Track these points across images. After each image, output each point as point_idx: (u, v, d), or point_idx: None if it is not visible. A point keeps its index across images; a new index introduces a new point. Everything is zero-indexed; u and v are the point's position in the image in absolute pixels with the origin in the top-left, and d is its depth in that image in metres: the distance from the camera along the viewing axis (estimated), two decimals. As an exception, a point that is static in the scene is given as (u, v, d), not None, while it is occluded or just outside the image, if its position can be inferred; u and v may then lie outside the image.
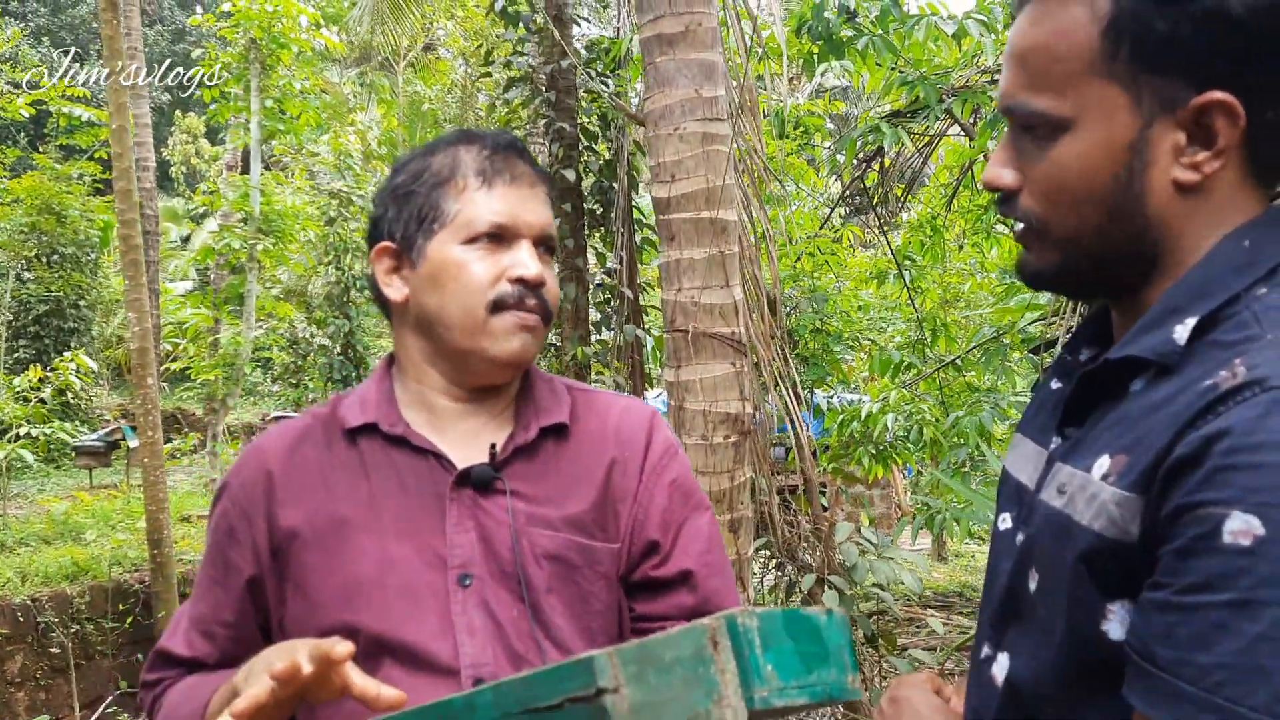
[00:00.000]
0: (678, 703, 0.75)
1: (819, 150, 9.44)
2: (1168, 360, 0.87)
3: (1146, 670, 0.80)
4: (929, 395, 8.46)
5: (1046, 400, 1.08)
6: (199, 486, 10.44)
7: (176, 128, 20.99)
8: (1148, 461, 0.83)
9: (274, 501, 1.29)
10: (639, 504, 1.31)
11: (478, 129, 1.37)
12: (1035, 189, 0.95)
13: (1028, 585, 0.95)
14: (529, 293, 1.26)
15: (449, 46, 19.71)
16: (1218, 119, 0.87)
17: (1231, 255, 0.89)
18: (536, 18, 7.98)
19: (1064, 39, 0.90)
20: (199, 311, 11.56)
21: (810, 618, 0.86)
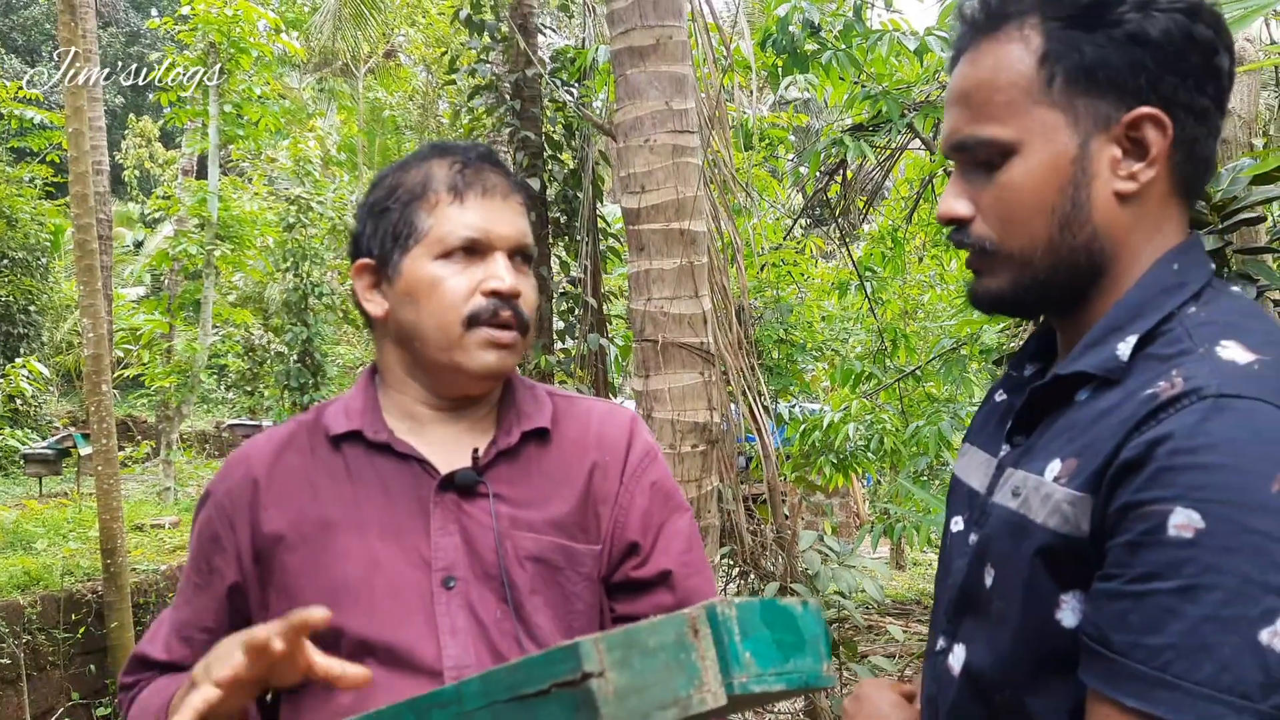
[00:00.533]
0: (660, 687, 0.77)
1: (782, 162, 9.51)
2: (1113, 374, 0.97)
3: (1102, 654, 0.88)
4: (889, 405, 8.53)
5: (994, 412, 1.19)
6: (151, 495, 10.27)
7: (130, 131, 20.69)
8: (1097, 464, 0.91)
9: (258, 507, 1.30)
10: (620, 506, 1.33)
11: (452, 142, 1.37)
12: (989, 213, 1.04)
13: (984, 580, 1.03)
14: (503, 305, 1.26)
15: (410, 53, 19.63)
16: (1148, 131, 0.98)
17: (1163, 278, 1.00)
18: (501, 26, 7.96)
19: (1003, 73, 1.00)
20: (152, 317, 11.39)
21: (787, 608, 0.89)
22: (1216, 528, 0.82)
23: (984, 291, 1.08)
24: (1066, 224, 1.00)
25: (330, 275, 14.36)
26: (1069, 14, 0.98)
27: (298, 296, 13.25)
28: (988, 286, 1.07)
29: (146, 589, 6.60)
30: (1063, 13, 0.99)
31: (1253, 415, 0.85)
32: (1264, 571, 0.81)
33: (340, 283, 14.79)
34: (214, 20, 9.66)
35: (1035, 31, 1.00)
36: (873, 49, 6.25)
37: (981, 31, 1.03)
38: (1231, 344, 0.92)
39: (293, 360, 13.15)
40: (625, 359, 10.19)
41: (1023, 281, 1.04)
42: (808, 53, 6.36)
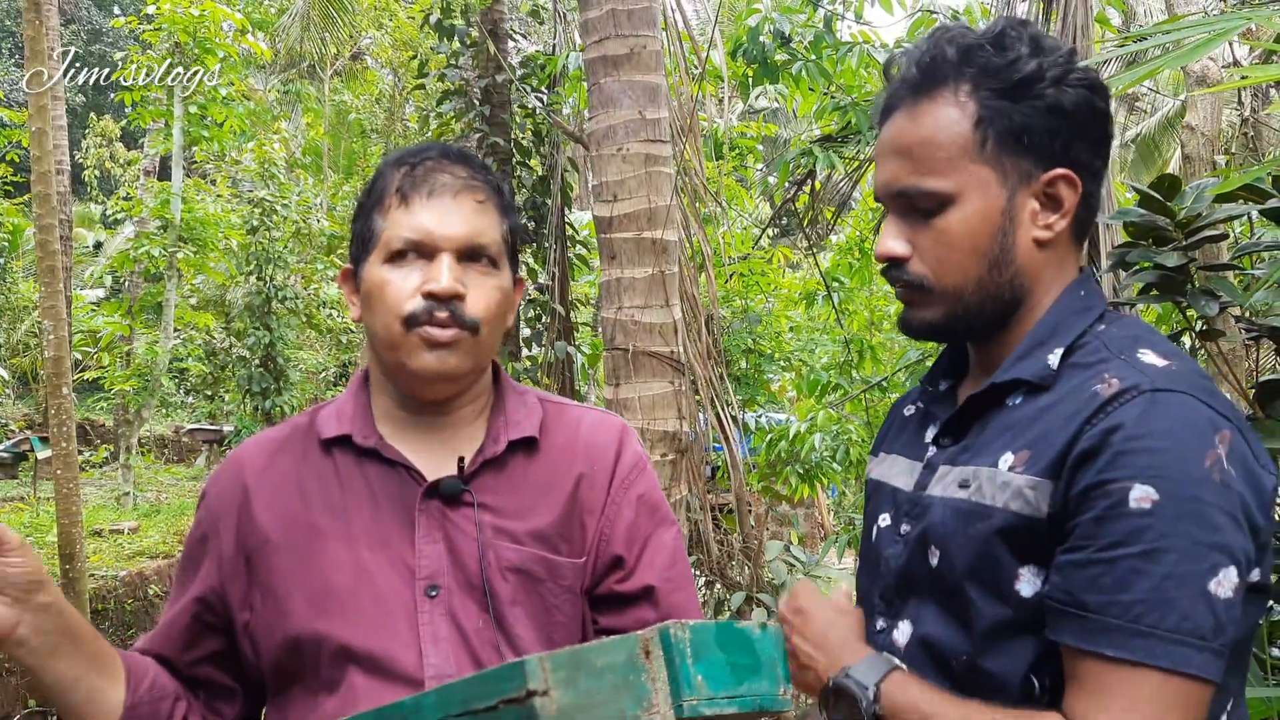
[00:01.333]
0: (608, 707, 0.78)
1: (750, 172, 9.55)
2: (1044, 380, 1.14)
3: (1077, 615, 1.02)
4: (855, 416, 8.58)
5: (907, 423, 1.35)
6: (110, 500, 10.13)
7: (91, 130, 20.42)
8: (1053, 454, 1.07)
9: (247, 511, 1.30)
10: (605, 518, 1.32)
11: (417, 145, 1.37)
12: (926, 254, 1.18)
13: (928, 562, 1.17)
14: (439, 306, 1.24)
15: (377, 56, 19.53)
16: (1062, 188, 1.16)
17: (1073, 303, 1.18)
18: (471, 31, 7.94)
19: (943, 133, 1.15)
20: (111, 320, 11.24)
21: (743, 631, 0.91)
22: (1168, 499, 1.00)
23: (919, 322, 1.22)
24: (995, 265, 1.17)
25: (294, 279, 14.26)
26: (1000, 86, 1.14)
27: (261, 300, 13.12)
28: (922, 317, 1.22)
29: (105, 595, 6.51)
30: (994, 84, 1.14)
31: (1183, 406, 1.04)
32: (1207, 533, 0.99)
33: (304, 287, 14.68)
34: (180, 20, 9.57)
35: (970, 98, 1.15)
36: (842, 60, 6.30)
37: (917, 91, 1.17)
38: (1148, 351, 1.11)
39: (255, 365, 13.02)
40: (593, 367, 10.19)
41: (955, 313, 1.19)
42: (778, 63, 6.40)
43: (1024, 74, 1.13)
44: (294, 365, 13.97)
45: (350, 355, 17.09)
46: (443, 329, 1.24)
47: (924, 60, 1.18)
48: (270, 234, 12.94)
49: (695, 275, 4.55)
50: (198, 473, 14.42)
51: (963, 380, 1.31)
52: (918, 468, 1.26)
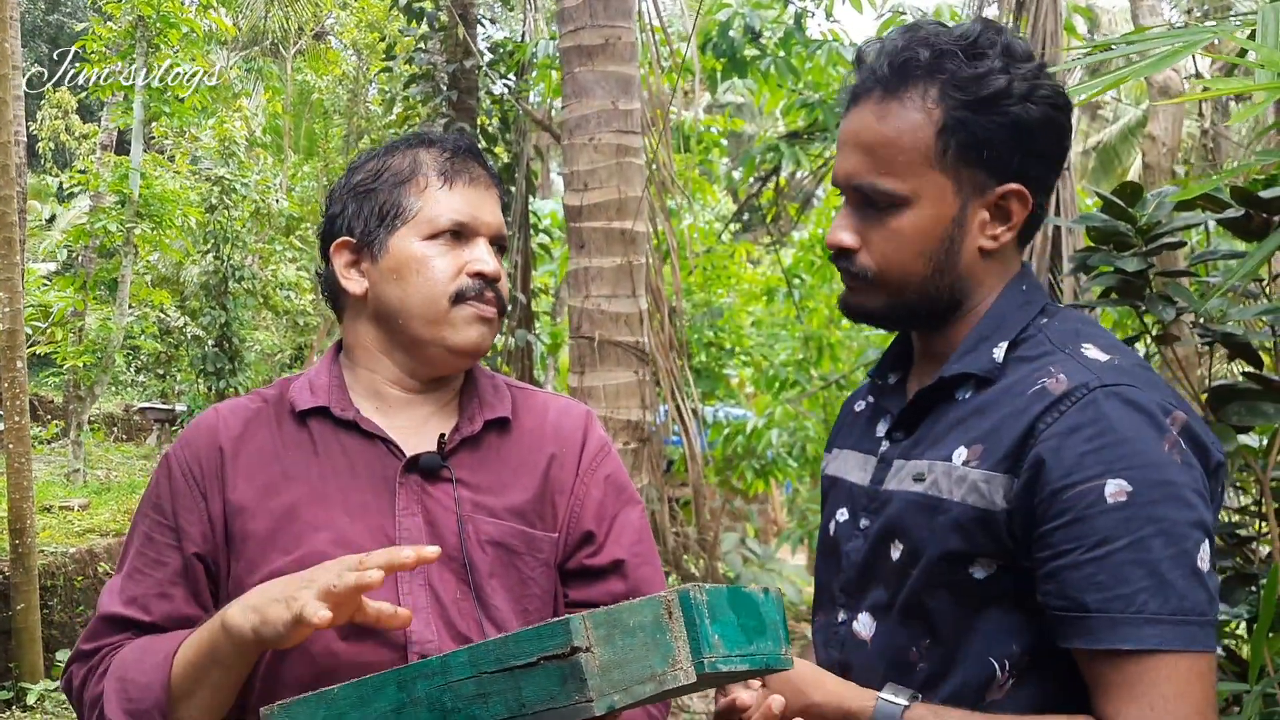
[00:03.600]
0: (639, 663, 0.84)
1: (715, 166, 9.59)
2: (991, 374, 1.18)
3: (1080, 618, 1.05)
4: (813, 413, 8.66)
5: (859, 417, 1.39)
6: (59, 477, 9.98)
7: (46, 102, 20.03)
8: (1006, 448, 1.11)
9: (226, 477, 1.31)
10: (575, 497, 1.38)
11: (436, 133, 1.42)
12: (874, 248, 1.22)
13: (889, 555, 1.21)
14: (487, 286, 1.32)
15: (341, 37, 19.33)
16: (1013, 203, 1.19)
17: (1015, 298, 1.23)
18: (441, 15, 7.90)
19: (906, 136, 1.17)
20: (64, 295, 11.05)
21: (750, 595, 0.97)
22: (1141, 488, 1.04)
23: (858, 306, 1.27)
24: (939, 269, 1.21)
25: (252, 259, 14.10)
26: (968, 99, 1.16)
27: (217, 279, 12.97)
28: (861, 303, 1.26)
29: (55, 571, 6.42)
30: (963, 96, 1.16)
31: (1133, 398, 1.08)
32: (1185, 512, 1.04)
33: (262, 267, 14.53)
34: (143, -8, 9.40)
35: (937, 105, 1.17)
36: (811, 58, 6.35)
37: (885, 87, 1.19)
38: (1090, 346, 1.15)
39: (210, 345, 12.88)
40: (552, 355, 10.18)
41: (893, 304, 1.24)
42: (747, 58, 6.44)
43: (992, 89, 1.15)
44: (249, 346, 13.83)
45: (306, 338, 16.94)
46: (489, 306, 1.32)
47: (897, 59, 1.19)
48: (229, 213, 12.79)
49: (660, 267, 4.58)
50: (148, 451, 14.23)
51: (910, 373, 1.34)
52: (872, 462, 1.29)
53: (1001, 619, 1.13)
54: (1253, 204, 1.80)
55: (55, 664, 6.21)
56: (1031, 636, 1.12)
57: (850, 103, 1.23)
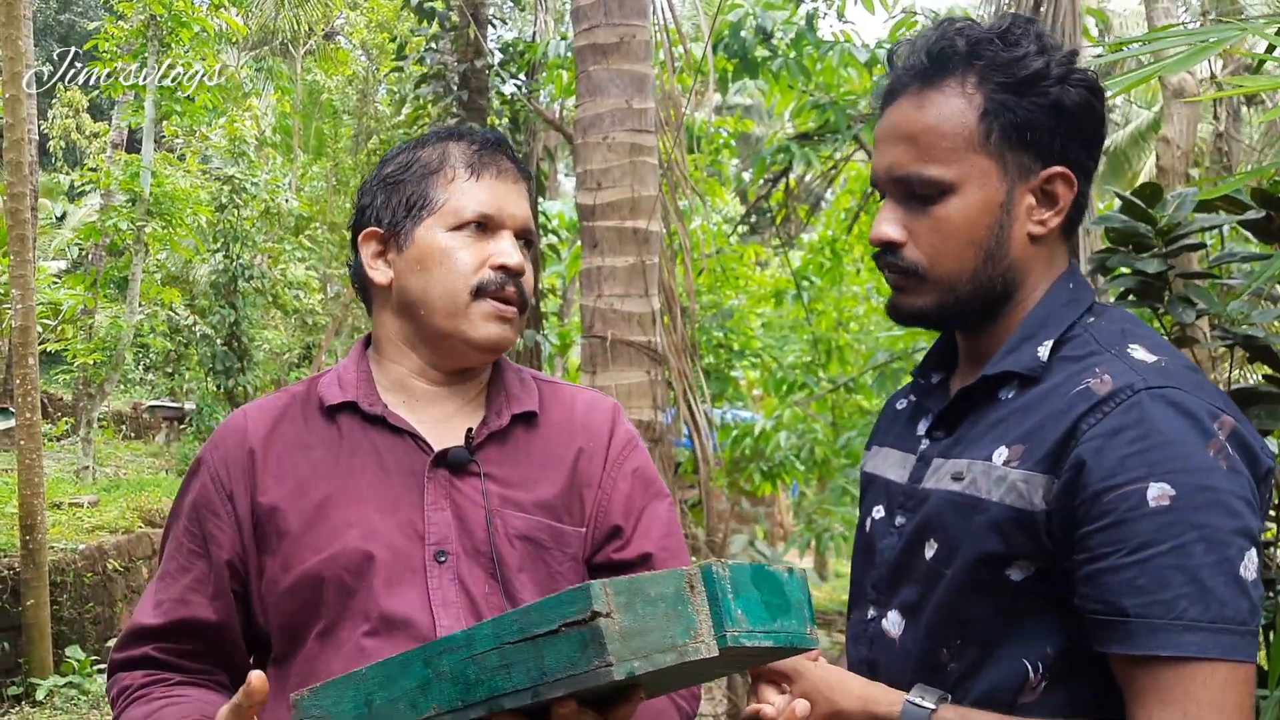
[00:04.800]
0: (660, 633, 0.83)
1: (725, 167, 9.59)
2: (1035, 372, 1.16)
3: (1120, 622, 1.03)
4: (821, 416, 8.65)
5: (899, 416, 1.37)
6: (69, 473, 10.01)
7: (58, 100, 20.10)
8: (1048, 448, 1.09)
9: (256, 477, 1.31)
10: (603, 491, 1.38)
11: (467, 128, 1.44)
12: (922, 241, 1.19)
13: (923, 554, 1.19)
14: (509, 280, 1.32)
15: (351, 37, 19.37)
16: (1059, 186, 1.18)
17: (1062, 295, 1.20)
18: (452, 15, 7.91)
19: (949, 122, 1.16)
20: (73, 292, 11.08)
21: (774, 573, 0.96)
22: (1184, 493, 1.02)
23: (909, 307, 1.23)
24: (990, 257, 1.18)
25: (261, 259, 14.13)
26: (1008, 80, 1.15)
27: (227, 278, 13.00)
28: (912, 303, 1.23)
29: (64, 567, 6.44)
30: (1001, 78, 1.16)
31: (1179, 401, 1.06)
32: (1228, 519, 1.02)
33: (271, 266, 14.55)
34: (155, -9, 9.44)
35: (977, 90, 1.16)
36: (823, 59, 6.34)
37: (925, 80, 1.19)
38: (1137, 346, 1.13)
39: (219, 343, 12.91)
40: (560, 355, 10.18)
41: (946, 302, 1.21)
42: (758, 59, 6.44)
43: (1031, 70, 1.15)
44: (258, 345, 13.86)
45: (315, 337, 16.98)
46: (509, 304, 1.32)
47: (933, 49, 1.18)
48: (239, 212, 12.82)
49: (672, 267, 4.58)
50: (157, 449, 14.27)
51: (954, 372, 1.32)
52: (911, 460, 1.28)
53: (1036, 621, 1.12)
54: (1273, 206, 1.79)
55: (64, 659, 6.23)
56: (1065, 639, 1.10)
57: (886, 101, 1.22)
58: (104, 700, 6.02)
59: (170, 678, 1.30)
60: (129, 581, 7.19)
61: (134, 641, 1.33)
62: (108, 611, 6.86)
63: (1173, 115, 3.16)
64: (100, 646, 6.66)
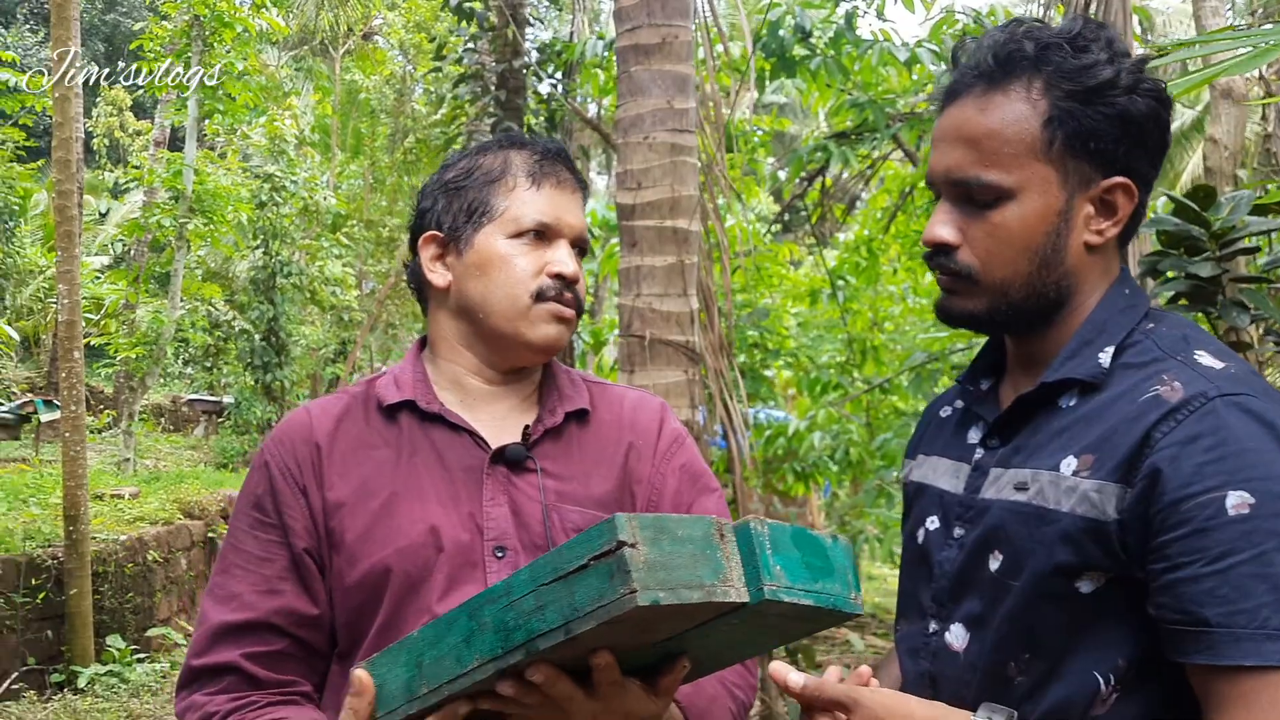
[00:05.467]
0: (687, 570, 0.84)
1: (760, 166, 9.57)
2: (1097, 379, 1.14)
3: (1201, 632, 1.01)
4: (856, 416, 8.60)
5: (946, 423, 1.35)
6: (110, 465, 10.16)
7: (102, 99, 20.39)
8: (1120, 457, 1.07)
9: (324, 473, 1.33)
10: (652, 487, 1.41)
11: (527, 135, 1.47)
12: (977, 245, 1.18)
13: (987, 565, 1.17)
14: (566, 288, 1.36)
15: (389, 37, 19.50)
16: (1119, 196, 1.16)
17: (1118, 301, 1.19)
18: (491, 15, 7.95)
19: (1012, 127, 1.15)
20: (116, 287, 11.24)
21: (816, 537, 0.97)
22: (1264, 500, 1.00)
23: (960, 310, 1.22)
24: (1044, 264, 1.17)
25: (299, 255, 14.27)
26: (1075, 88, 1.14)
27: (266, 274, 13.15)
28: (964, 307, 1.22)
29: (106, 558, 6.54)
30: (1069, 86, 1.14)
31: (1254, 408, 1.05)
32: None
33: (309, 263, 14.69)
34: (199, -9, 9.56)
35: (1043, 96, 1.14)
36: (861, 58, 6.30)
37: (990, 81, 1.17)
38: (1203, 353, 1.11)
39: (257, 338, 13.05)
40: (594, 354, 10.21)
41: (997, 307, 1.19)
42: (796, 57, 6.41)
43: (1100, 79, 1.13)
44: (295, 340, 14.00)
45: (350, 333, 17.12)
46: (567, 307, 1.36)
47: (1000, 51, 1.16)
48: (278, 209, 12.97)
49: (710, 266, 4.58)
50: (195, 442, 14.44)
51: (1003, 378, 1.30)
52: (965, 469, 1.26)
53: (1107, 632, 1.10)
54: (1329, 209, 1.77)
55: (105, 649, 6.32)
56: (1137, 649, 1.09)
57: (947, 100, 1.20)
58: (144, 689, 6.10)
59: (257, 699, 1.27)
60: (168, 572, 7.29)
61: (219, 643, 1.29)
62: (147, 601, 6.96)
63: (1220, 116, 3.12)
64: (140, 636, 6.75)
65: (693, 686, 1.25)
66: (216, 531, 8.00)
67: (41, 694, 5.89)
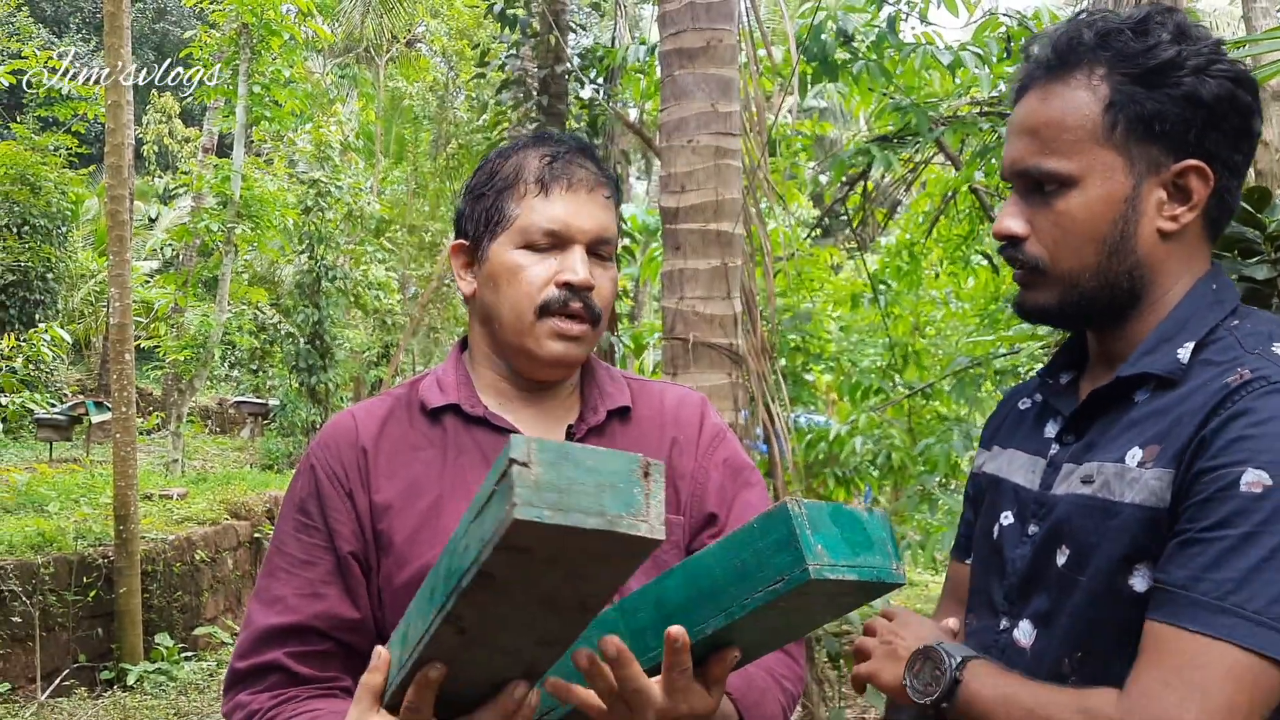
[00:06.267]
0: (587, 498, 0.79)
1: (801, 170, 9.55)
2: (1174, 375, 1.12)
3: (1169, 592, 1.02)
4: (897, 421, 8.55)
5: (1024, 416, 1.34)
6: (159, 466, 10.32)
7: (151, 106, 20.75)
8: (1179, 445, 1.05)
9: (370, 476, 1.33)
10: (696, 481, 1.40)
11: (551, 133, 1.44)
12: (1044, 235, 1.17)
13: (1054, 561, 1.15)
14: (574, 297, 1.32)
15: (432, 44, 19.68)
16: (1192, 180, 1.13)
17: (1204, 296, 1.16)
18: (534, 22, 8.00)
19: (1072, 115, 1.14)
20: (164, 291, 11.43)
21: (852, 512, 0.96)
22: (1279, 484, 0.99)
23: (1032, 304, 1.21)
24: (1113, 253, 1.14)
25: (343, 260, 14.43)
26: (1135, 71, 1.12)
27: (311, 279, 13.30)
28: (1036, 300, 1.20)
29: (155, 557, 6.65)
30: (1130, 69, 1.12)
31: None
32: None
33: (353, 267, 14.85)
34: (247, 1, 9.71)
35: (1103, 82, 1.13)
36: (904, 61, 6.28)
37: (1051, 72, 1.16)
38: None
39: (302, 342, 13.21)
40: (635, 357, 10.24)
41: (1069, 299, 1.17)
42: (838, 61, 6.40)
43: (1161, 60, 1.11)
44: (339, 344, 14.16)
45: (393, 337, 17.27)
46: (574, 322, 1.33)
47: (1061, 42, 1.16)
48: (323, 214, 13.12)
49: (752, 269, 4.58)
50: (241, 444, 14.64)
51: (1084, 373, 1.28)
52: (1040, 465, 1.24)
53: None
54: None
55: (154, 647, 6.43)
56: None
57: (1017, 95, 1.21)
58: (191, 687, 6.20)
59: (299, 694, 1.27)
60: (215, 572, 7.40)
61: (263, 646, 1.29)
62: (194, 601, 7.06)
63: (1271, 118, 3.08)
64: (187, 635, 6.86)
65: (743, 679, 1.25)
66: (262, 532, 8.11)
67: (92, 690, 6.01)
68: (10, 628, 5.63)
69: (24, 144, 12.24)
